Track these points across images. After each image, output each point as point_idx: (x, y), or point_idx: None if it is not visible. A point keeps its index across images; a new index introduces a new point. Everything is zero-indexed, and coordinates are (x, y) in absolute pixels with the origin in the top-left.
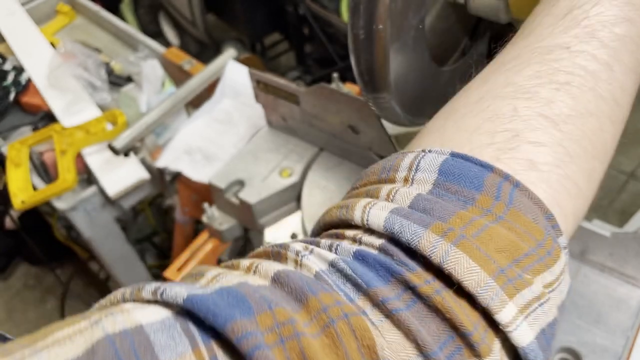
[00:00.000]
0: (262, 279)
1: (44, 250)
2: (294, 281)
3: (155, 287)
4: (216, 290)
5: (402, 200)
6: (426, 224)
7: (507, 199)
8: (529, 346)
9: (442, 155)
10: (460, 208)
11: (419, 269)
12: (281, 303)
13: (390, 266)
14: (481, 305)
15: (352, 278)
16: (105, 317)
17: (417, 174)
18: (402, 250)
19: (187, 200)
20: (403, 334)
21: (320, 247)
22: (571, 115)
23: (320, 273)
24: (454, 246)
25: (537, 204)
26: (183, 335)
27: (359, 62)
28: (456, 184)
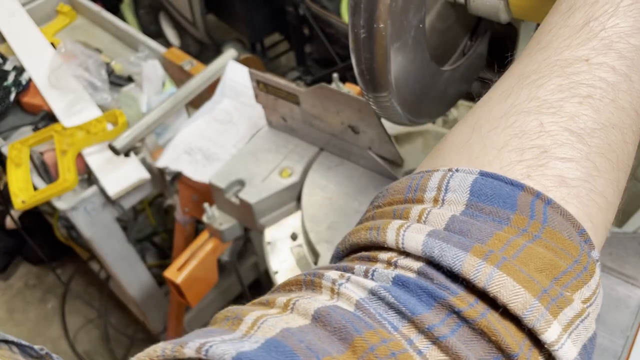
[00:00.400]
0: (301, 317)
1: (44, 250)
2: (336, 320)
3: (199, 344)
4: (262, 345)
5: (437, 221)
6: (466, 247)
7: (542, 218)
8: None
9: (471, 174)
10: (497, 229)
11: (461, 292)
12: (327, 349)
13: (433, 291)
14: (527, 326)
15: (395, 306)
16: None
17: (448, 194)
18: (442, 273)
19: (187, 200)
20: (451, 359)
21: (355, 273)
22: (596, 129)
23: (361, 302)
24: (497, 269)
25: (569, 220)
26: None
27: (360, 61)
28: (489, 204)
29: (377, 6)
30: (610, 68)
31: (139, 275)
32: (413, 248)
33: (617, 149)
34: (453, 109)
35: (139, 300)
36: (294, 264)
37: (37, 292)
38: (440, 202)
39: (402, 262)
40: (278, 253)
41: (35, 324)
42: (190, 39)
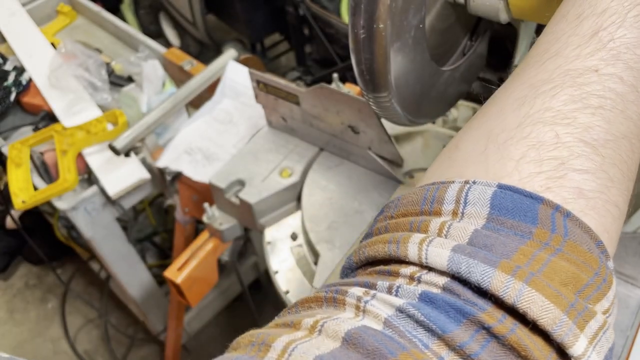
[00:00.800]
0: (331, 339)
1: (44, 250)
2: (368, 342)
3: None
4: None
5: (459, 236)
6: (494, 263)
7: (563, 231)
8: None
9: (489, 187)
10: (520, 243)
11: (489, 308)
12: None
13: (462, 307)
14: (555, 341)
15: (425, 324)
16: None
17: (467, 207)
18: (469, 288)
19: (187, 200)
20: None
21: (377, 289)
22: (608, 140)
23: (390, 320)
24: (526, 285)
25: (588, 232)
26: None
27: (360, 61)
28: (511, 218)
29: (377, 6)
30: (618, 79)
31: (139, 275)
32: (438, 263)
33: (627, 159)
34: (453, 109)
35: (139, 300)
36: (294, 264)
37: (37, 292)
38: (460, 215)
39: (426, 278)
40: (278, 253)
41: (36, 323)
42: (190, 39)
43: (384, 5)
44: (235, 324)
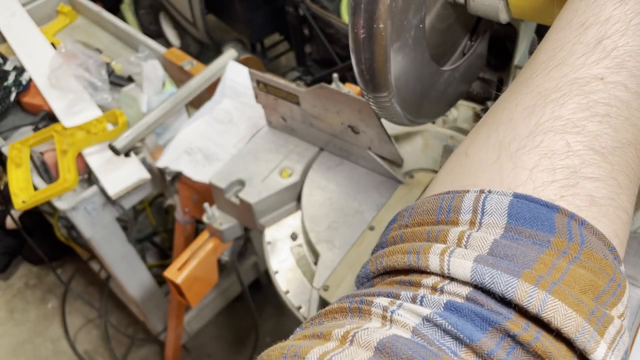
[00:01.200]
0: (363, 349)
1: (44, 249)
2: (402, 350)
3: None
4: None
5: (479, 246)
6: (517, 274)
7: (579, 239)
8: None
9: (505, 196)
10: (539, 252)
11: (513, 317)
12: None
13: (488, 316)
14: (578, 348)
15: (452, 332)
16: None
17: (485, 217)
18: (492, 298)
19: (187, 200)
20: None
21: (401, 299)
22: (616, 147)
23: (418, 328)
24: (549, 294)
25: (601, 239)
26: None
27: (360, 61)
28: (529, 227)
29: (377, 6)
30: (623, 87)
31: (139, 275)
32: (461, 274)
33: (633, 165)
34: (453, 109)
35: (139, 300)
36: (294, 263)
37: (37, 292)
38: (478, 224)
39: (448, 288)
40: (278, 253)
41: (36, 323)
42: (190, 39)
43: (384, 5)
44: (235, 324)
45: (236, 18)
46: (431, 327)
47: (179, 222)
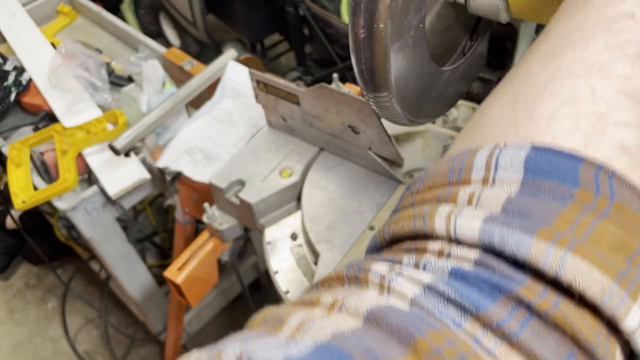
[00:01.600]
0: (352, 317)
1: (44, 249)
2: (393, 320)
3: (240, 351)
4: (314, 351)
5: (491, 205)
6: (531, 231)
7: (608, 192)
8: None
9: (522, 149)
10: (561, 207)
11: (528, 282)
12: (388, 352)
13: (497, 283)
14: (606, 314)
15: (456, 301)
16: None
17: (499, 172)
18: (504, 261)
19: (187, 200)
20: (524, 356)
21: (403, 265)
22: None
23: (417, 299)
24: (570, 252)
25: (635, 192)
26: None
27: (360, 61)
28: (548, 180)
29: (377, 6)
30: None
31: (139, 275)
32: (468, 236)
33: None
34: (453, 109)
35: (139, 300)
36: (294, 263)
37: (37, 292)
38: (491, 182)
39: (456, 252)
40: (278, 253)
41: (36, 323)
42: (190, 39)
43: (384, 5)
44: (235, 324)
45: (236, 18)
46: (433, 296)
47: (179, 222)
